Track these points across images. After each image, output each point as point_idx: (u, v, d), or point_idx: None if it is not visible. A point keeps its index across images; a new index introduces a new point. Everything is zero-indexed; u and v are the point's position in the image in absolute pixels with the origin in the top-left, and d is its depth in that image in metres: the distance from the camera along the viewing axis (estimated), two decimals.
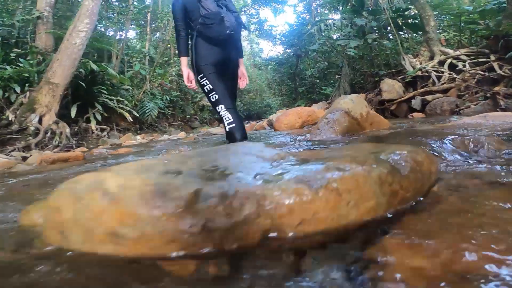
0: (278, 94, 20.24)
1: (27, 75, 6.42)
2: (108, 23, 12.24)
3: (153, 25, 14.46)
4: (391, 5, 7.92)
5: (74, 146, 5.68)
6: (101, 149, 3.63)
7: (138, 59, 10.81)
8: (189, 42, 2.15)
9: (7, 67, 6.34)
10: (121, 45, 10.88)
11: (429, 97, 4.63)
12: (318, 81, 14.69)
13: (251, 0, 21.17)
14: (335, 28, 9.79)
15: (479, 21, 6.51)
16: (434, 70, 5.20)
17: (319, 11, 17.54)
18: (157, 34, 15.19)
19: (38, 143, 5.47)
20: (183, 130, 10.16)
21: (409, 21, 7.40)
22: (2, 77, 6.11)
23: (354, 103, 2.06)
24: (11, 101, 6.11)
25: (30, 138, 5.53)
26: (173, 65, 11.93)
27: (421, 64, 5.88)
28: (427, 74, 5.21)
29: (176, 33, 2.09)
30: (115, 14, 11.31)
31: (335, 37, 10.59)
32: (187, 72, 2.13)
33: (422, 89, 4.92)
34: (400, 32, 7.50)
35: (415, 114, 4.22)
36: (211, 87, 1.99)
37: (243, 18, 21.39)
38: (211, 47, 2.04)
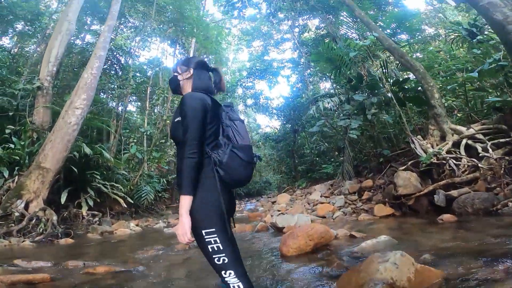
0: (277, 171, 20.14)
1: (18, 157, 6.22)
2: (109, 96, 12.75)
3: (154, 97, 15.04)
4: (386, 73, 7.84)
5: (60, 234, 5.43)
6: (78, 262, 3.09)
7: (135, 140, 10.87)
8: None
9: None
10: (120, 122, 11.04)
11: (454, 192, 4.25)
12: (317, 158, 14.70)
13: (247, 73, 22.70)
14: (334, 108, 10.00)
15: (486, 87, 6.27)
16: (451, 157, 4.87)
17: (311, 80, 18.64)
18: (156, 108, 15.75)
19: (20, 230, 5.23)
20: None
21: (411, 94, 6.90)
22: None
23: (398, 268, 1.65)
24: None
25: (13, 224, 5.29)
26: (170, 147, 12.00)
27: (432, 146, 5.59)
28: (444, 161, 4.88)
29: (187, 151, 1.27)
30: (115, 86, 11.82)
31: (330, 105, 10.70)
32: (188, 224, 1.24)
33: (443, 182, 4.59)
34: (403, 108, 6.98)
35: (444, 216, 3.77)
36: (221, 248, 1.26)
37: (239, 91, 22.80)
38: (226, 189, 1.34)
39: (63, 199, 6.28)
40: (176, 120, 1.42)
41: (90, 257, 3.62)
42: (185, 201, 1.23)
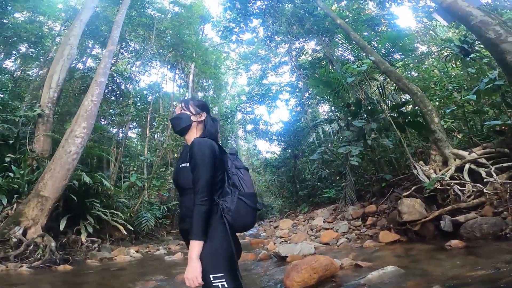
0: (279, 196, 19.96)
1: (17, 186, 6.26)
2: (109, 122, 12.85)
3: (154, 124, 15.17)
4: (384, 96, 7.88)
5: (58, 260, 5.41)
6: None
7: (135, 168, 10.94)
8: None
9: None
10: (120, 149, 11.12)
11: (461, 218, 4.20)
12: (319, 183, 14.62)
13: (246, 98, 23.00)
14: (334, 134, 10.07)
15: (484, 105, 6.23)
16: (455, 182, 4.86)
17: (310, 103, 18.88)
18: (156, 135, 15.85)
19: (18, 256, 5.24)
20: (182, 238, 9.76)
21: (410, 118, 6.86)
22: None
23: None
24: None
25: (10, 250, 5.30)
26: (170, 174, 12.05)
27: (435, 172, 5.57)
28: (448, 187, 4.86)
29: (198, 198, 1.29)
30: (116, 113, 11.94)
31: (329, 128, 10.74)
32: (199, 269, 1.25)
33: (449, 207, 4.54)
34: (403, 133, 6.95)
35: (453, 242, 3.70)
36: None
37: (239, 116, 23.03)
38: (233, 237, 1.40)
39: (62, 226, 6.31)
40: (182, 165, 1.44)
41: None
42: (196, 247, 1.26)
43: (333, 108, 14.38)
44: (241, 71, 25.95)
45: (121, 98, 12.50)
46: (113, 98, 12.42)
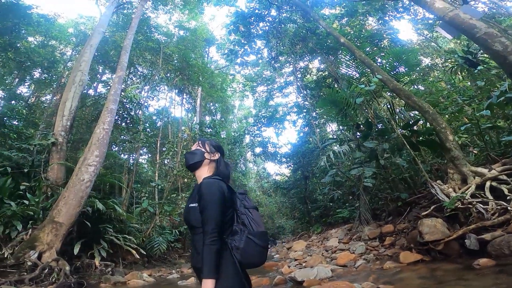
0: (290, 217, 19.65)
1: (32, 213, 6.41)
2: (120, 148, 13.06)
3: (164, 150, 15.34)
4: (394, 115, 7.82)
5: (72, 284, 5.52)
6: None
7: (146, 194, 11.09)
8: None
9: (12, 203, 6.48)
10: (131, 175, 11.30)
11: (487, 236, 4.09)
12: (331, 203, 14.37)
13: (253, 121, 23.23)
14: (345, 154, 10.01)
15: (496, 116, 6.15)
16: (477, 201, 4.75)
17: (317, 123, 18.91)
18: (166, 160, 15.99)
19: (33, 279, 5.31)
20: None
21: (423, 137, 6.75)
22: (5, 214, 6.09)
23: None
24: (11, 237, 6.08)
25: (25, 273, 5.41)
26: (182, 200, 12.11)
27: (454, 190, 5.46)
28: (470, 205, 4.74)
29: (208, 239, 1.34)
30: (126, 139, 12.16)
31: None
32: None
33: (473, 226, 4.42)
34: (417, 152, 6.81)
35: (481, 261, 3.59)
36: None
37: (247, 139, 23.16)
38: (244, 274, 1.44)
39: (76, 250, 6.46)
40: (191, 205, 1.48)
41: None
42: (209, 285, 1.30)
43: (341, 127, 14.41)
44: (247, 93, 26.46)
45: (131, 125, 12.83)
46: (123, 124, 12.74)
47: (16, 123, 11.53)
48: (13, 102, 14.09)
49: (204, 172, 1.60)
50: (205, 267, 1.31)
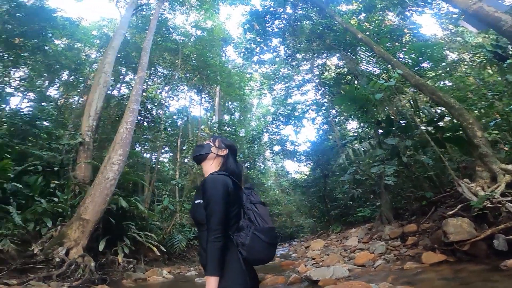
0: (309, 215, 19.52)
1: (61, 210, 6.73)
2: (143, 148, 13.49)
3: (184, 149, 15.63)
4: (417, 111, 7.50)
5: (96, 280, 5.74)
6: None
7: (167, 192, 11.41)
8: None
9: (42, 200, 6.84)
10: (153, 173, 11.64)
11: None
12: (351, 202, 14.11)
13: (271, 119, 23.16)
14: (365, 152, 9.74)
15: None
16: (507, 200, 4.50)
17: (337, 120, 18.57)
18: (187, 159, 16.28)
19: (60, 275, 5.56)
20: None
21: (449, 133, 6.40)
22: (36, 211, 6.39)
23: None
24: (41, 234, 6.38)
25: (53, 269, 5.67)
26: None
27: (483, 189, 5.19)
28: (499, 205, 4.51)
29: (211, 235, 1.32)
30: (148, 138, 12.52)
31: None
32: None
33: (502, 226, 4.22)
34: (442, 149, 6.50)
35: (509, 262, 3.43)
36: None
37: (265, 137, 23.17)
38: (252, 271, 1.42)
39: (101, 247, 6.75)
40: (197, 202, 1.47)
41: None
42: (212, 282, 1.29)
43: (362, 124, 14.08)
44: (265, 91, 26.46)
45: (152, 124, 13.21)
46: (145, 124, 13.14)
47: (47, 124, 12.14)
48: (43, 103, 14.90)
49: (209, 166, 1.59)
50: (208, 264, 1.30)
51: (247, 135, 22.86)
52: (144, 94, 12.41)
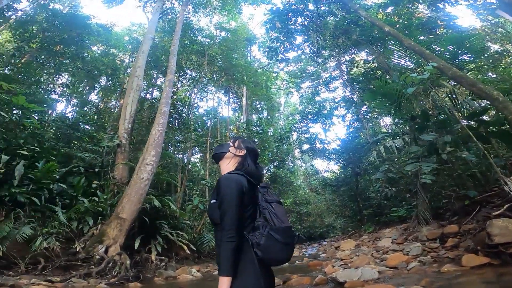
0: (341, 215, 19.09)
1: (101, 209, 7.16)
2: (175, 149, 13.98)
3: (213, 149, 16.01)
4: (457, 105, 6.96)
5: (130, 278, 5.97)
6: None
7: (197, 192, 11.74)
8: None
9: (85, 200, 7.35)
10: (185, 174, 12.01)
11: None
12: (385, 202, 13.57)
13: (299, 117, 22.79)
14: (400, 149, 9.30)
15: None
16: None
17: (369, 117, 17.91)
18: None
19: (99, 272, 5.87)
20: None
21: (494, 127, 5.93)
22: (79, 210, 6.84)
23: None
24: (84, 232, 6.85)
25: (93, 267, 6.02)
26: None
27: None
28: None
29: (225, 235, 1.32)
30: (179, 139, 12.94)
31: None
32: None
33: None
34: (487, 145, 6.04)
35: None
36: None
37: (294, 136, 22.93)
38: (268, 271, 1.39)
39: (136, 245, 7.10)
40: (212, 201, 1.46)
41: None
42: (225, 283, 1.28)
43: (396, 120, 13.49)
44: (292, 90, 26.23)
45: (183, 125, 13.64)
46: (176, 125, 13.61)
47: (89, 128, 13.01)
48: (85, 108, 15.98)
49: (226, 166, 1.59)
50: (222, 264, 1.29)
51: (275, 134, 22.83)
52: (174, 96, 12.85)
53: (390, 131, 14.86)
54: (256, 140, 20.51)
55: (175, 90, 15.09)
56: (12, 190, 6.11)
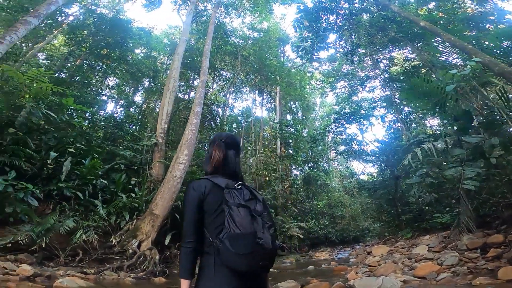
0: (377, 219, 18.28)
1: (137, 205, 7.63)
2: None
3: (249, 149, 16.21)
4: (509, 103, 6.26)
5: (157, 273, 6.21)
6: None
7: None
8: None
9: (123, 196, 7.84)
10: None
11: None
12: (427, 207, 12.74)
13: (335, 118, 21.88)
14: (441, 152, 8.65)
15: None
16: None
17: (413, 117, 16.85)
18: (250, 160, 16.82)
19: (130, 266, 6.22)
20: None
21: None
22: (117, 205, 7.37)
23: None
24: (120, 226, 7.31)
25: (125, 260, 6.36)
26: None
27: None
28: None
29: (182, 240, 1.34)
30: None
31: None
32: None
33: None
34: None
35: None
36: None
37: (329, 137, 22.28)
38: (230, 279, 1.28)
39: (167, 241, 7.42)
40: None
41: None
42: (182, 284, 1.32)
43: (444, 121, 12.58)
44: (327, 90, 25.54)
45: (216, 125, 14.02)
46: (209, 125, 14.05)
47: (134, 127, 13.89)
48: (131, 109, 17.13)
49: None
50: (180, 267, 1.33)
51: (309, 135, 22.48)
52: (208, 97, 13.22)
53: (437, 132, 13.83)
54: (290, 140, 20.42)
55: (211, 90, 15.58)
56: (59, 184, 6.67)
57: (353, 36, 12.99)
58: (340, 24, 12.81)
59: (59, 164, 6.93)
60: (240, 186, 1.39)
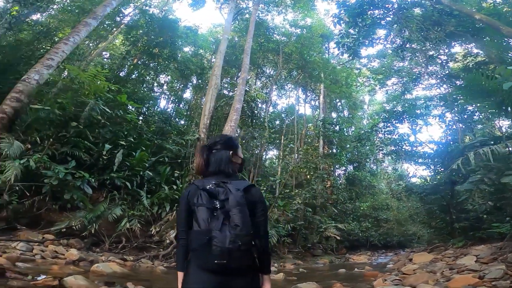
0: (427, 225, 16.98)
1: (177, 196, 8.24)
2: (253, 145, 14.77)
3: (289, 146, 16.16)
4: None
5: None
6: None
7: (264, 188, 12.13)
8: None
9: (166, 187, 8.35)
10: (256, 170, 12.56)
11: None
12: (486, 216, 11.53)
13: (384, 117, 20.42)
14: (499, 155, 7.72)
15: None
16: None
17: (478, 117, 15.17)
18: (295, 155, 16.72)
19: (164, 255, 6.58)
20: (302, 258, 10.51)
21: None
22: (160, 196, 7.94)
23: None
24: (161, 216, 7.78)
25: (162, 250, 6.75)
26: (297, 195, 12.53)
27: None
28: None
29: (177, 236, 1.64)
30: (253, 135, 13.64)
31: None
32: None
33: None
34: None
35: None
36: None
37: (378, 136, 20.99)
38: (201, 274, 1.36)
39: None
40: None
41: None
42: (179, 277, 1.50)
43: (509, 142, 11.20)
44: (376, 87, 24.08)
45: (256, 122, 14.24)
46: (250, 122, 14.36)
47: (182, 122, 14.74)
48: (181, 105, 18.19)
49: None
50: (176, 260, 1.57)
51: (355, 134, 21.56)
52: (249, 93, 13.45)
53: (503, 135, 12.28)
54: (333, 139, 19.84)
55: (254, 87, 15.85)
56: (111, 174, 7.35)
57: (404, 31, 12.10)
58: (388, 19, 12.03)
59: (112, 156, 7.62)
60: (214, 186, 1.45)
